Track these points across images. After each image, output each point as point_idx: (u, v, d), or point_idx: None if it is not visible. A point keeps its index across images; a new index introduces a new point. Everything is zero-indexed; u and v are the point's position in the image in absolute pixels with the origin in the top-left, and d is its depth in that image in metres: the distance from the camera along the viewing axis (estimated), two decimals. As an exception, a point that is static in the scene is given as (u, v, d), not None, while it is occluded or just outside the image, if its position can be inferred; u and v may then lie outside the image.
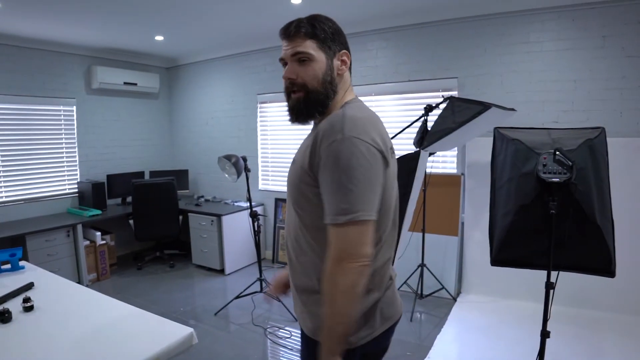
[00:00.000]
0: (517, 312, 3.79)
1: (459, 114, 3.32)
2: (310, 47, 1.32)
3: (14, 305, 2.15)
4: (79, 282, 4.72)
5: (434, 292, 4.20)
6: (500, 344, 3.30)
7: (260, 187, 5.66)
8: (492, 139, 2.34)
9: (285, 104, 1.47)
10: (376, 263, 1.29)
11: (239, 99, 5.74)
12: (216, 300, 4.29)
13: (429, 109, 3.76)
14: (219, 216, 4.94)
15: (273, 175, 5.60)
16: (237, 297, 4.12)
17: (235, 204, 5.50)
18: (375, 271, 1.29)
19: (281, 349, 3.40)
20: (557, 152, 1.97)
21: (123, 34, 4.81)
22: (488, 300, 4.04)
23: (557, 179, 1.93)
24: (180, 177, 6.00)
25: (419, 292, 4.15)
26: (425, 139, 3.47)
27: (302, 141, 1.48)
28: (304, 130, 1.50)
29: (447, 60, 4.26)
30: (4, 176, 4.80)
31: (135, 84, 5.79)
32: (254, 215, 3.90)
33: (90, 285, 4.77)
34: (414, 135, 3.69)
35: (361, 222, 1.16)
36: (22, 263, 2.93)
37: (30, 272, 2.79)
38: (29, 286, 2.45)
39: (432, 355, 3.23)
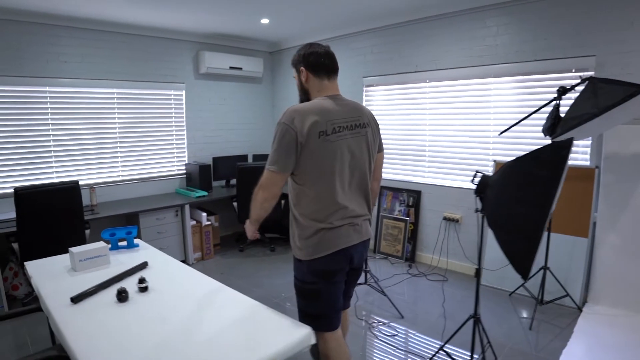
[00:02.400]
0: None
1: (602, 97, 2.84)
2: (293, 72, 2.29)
3: (130, 285, 2.14)
4: (184, 260, 4.86)
5: (556, 299, 3.74)
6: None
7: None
8: (637, 127, 1.90)
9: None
10: (308, 209, 2.00)
11: (344, 82, 5.47)
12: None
13: (562, 91, 3.29)
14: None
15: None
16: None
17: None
18: (310, 214, 2.00)
19: (387, 346, 3.19)
20: None
21: (230, 18, 4.81)
22: (621, 313, 3.48)
23: None
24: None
25: (540, 297, 3.70)
26: (559, 125, 3.04)
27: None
28: (410, 114, 1.32)
29: (582, 35, 3.70)
30: (122, 157, 5.07)
31: (240, 69, 5.83)
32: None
33: (194, 264, 4.90)
34: (537, 121, 3.24)
35: (270, 171, 1.94)
36: (136, 241, 3.00)
37: (144, 250, 2.84)
38: (143, 265, 2.46)
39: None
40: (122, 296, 1.96)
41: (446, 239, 4.77)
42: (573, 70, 3.78)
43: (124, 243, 2.88)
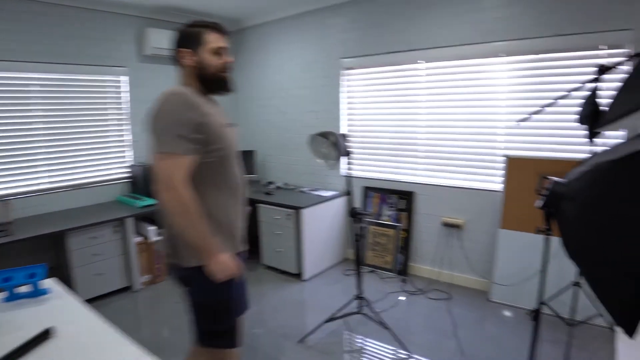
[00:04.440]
0: None
1: None
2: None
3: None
4: (130, 287, 3.94)
5: (589, 319, 3.09)
6: None
7: (345, 172, 4.64)
8: None
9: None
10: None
11: (316, 66, 4.71)
12: (296, 319, 3.36)
13: (603, 70, 2.59)
14: (297, 209, 3.98)
15: (363, 159, 4.57)
16: (329, 319, 3.17)
17: (314, 192, 4.53)
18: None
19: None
20: None
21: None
22: None
23: None
24: (246, 159, 5.11)
25: (570, 317, 3.03)
26: (604, 114, 2.36)
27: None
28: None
29: (615, 5, 3.02)
30: (47, 159, 4.04)
31: (194, 50, 4.89)
32: (355, 215, 2.89)
33: (143, 290, 3.97)
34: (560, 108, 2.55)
35: None
36: (46, 283, 2.07)
37: (56, 300, 1.92)
38: (45, 335, 1.56)
39: None
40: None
41: (446, 248, 4.04)
42: (607, 47, 3.10)
43: (28, 289, 1.96)
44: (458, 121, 3.88)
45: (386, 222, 4.33)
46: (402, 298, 3.72)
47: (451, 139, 3.94)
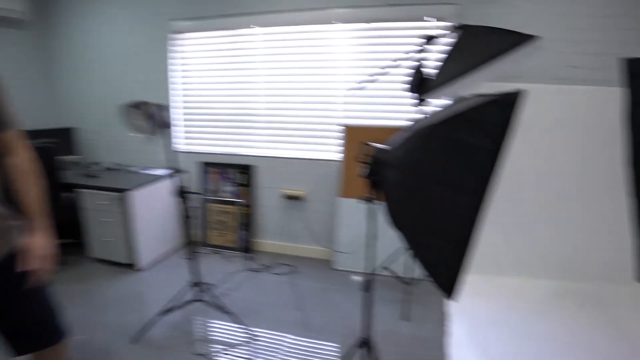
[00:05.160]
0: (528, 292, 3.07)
1: (483, 47, 2.34)
2: None
3: None
4: None
5: (423, 276, 3.32)
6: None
7: (179, 147, 4.28)
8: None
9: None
10: None
11: (144, 28, 4.17)
12: (131, 315, 3.00)
13: (429, 39, 2.69)
14: (123, 191, 3.53)
15: (199, 132, 4.25)
16: (164, 312, 2.89)
17: (146, 172, 4.10)
18: None
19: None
20: None
21: None
22: (482, 279, 3.24)
23: None
24: (65, 138, 4.43)
25: (406, 276, 3.22)
26: (430, 82, 2.46)
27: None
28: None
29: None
30: None
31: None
32: (182, 194, 2.61)
33: None
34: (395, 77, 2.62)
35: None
36: None
37: None
38: None
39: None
40: None
41: (289, 221, 4.00)
42: (434, 20, 3.26)
43: None
44: (297, 89, 3.79)
45: (227, 199, 4.12)
46: (244, 275, 3.59)
47: (290, 108, 3.84)
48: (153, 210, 3.81)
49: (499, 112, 1.28)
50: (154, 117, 2.31)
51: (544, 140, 3.17)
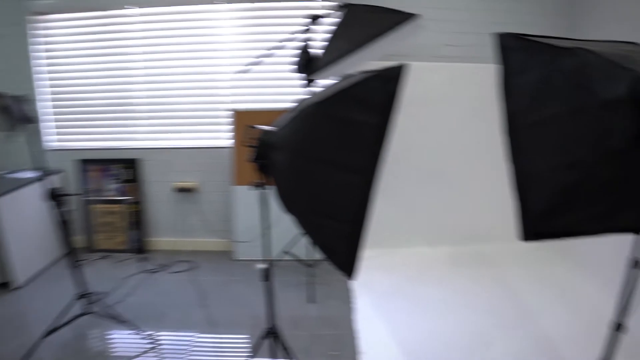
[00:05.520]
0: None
1: (367, 26, 2.44)
2: None
3: None
4: None
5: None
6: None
7: (51, 144, 3.82)
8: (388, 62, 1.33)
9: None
10: None
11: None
12: (10, 342, 2.62)
13: (314, 18, 2.67)
14: (-15, 201, 3.07)
15: (74, 127, 3.82)
16: (49, 332, 2.56)
17: (12, 175, 3.61)
18: None
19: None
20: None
21: None
22: (377, 253, 3.34)
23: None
24: None
25: (309, 258, 3.23)
26: (317, 62, 2.44)
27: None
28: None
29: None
30: None
31: None
32: (54, 197, 2.32)
33: None
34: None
35: None
36: None
37: None
38: None
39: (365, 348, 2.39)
40: None
41: (183, 215, 3.80)
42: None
43: None
44: (180, 75, 3.59)
45: (112, 198, 3.80)
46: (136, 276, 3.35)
47: (174, 95, 3.62)
48: (25, 218, 3.37)
49: (383, 87, 1.27)
50: (11, 111, 2.01)
51: (426, 114, 3.32)
